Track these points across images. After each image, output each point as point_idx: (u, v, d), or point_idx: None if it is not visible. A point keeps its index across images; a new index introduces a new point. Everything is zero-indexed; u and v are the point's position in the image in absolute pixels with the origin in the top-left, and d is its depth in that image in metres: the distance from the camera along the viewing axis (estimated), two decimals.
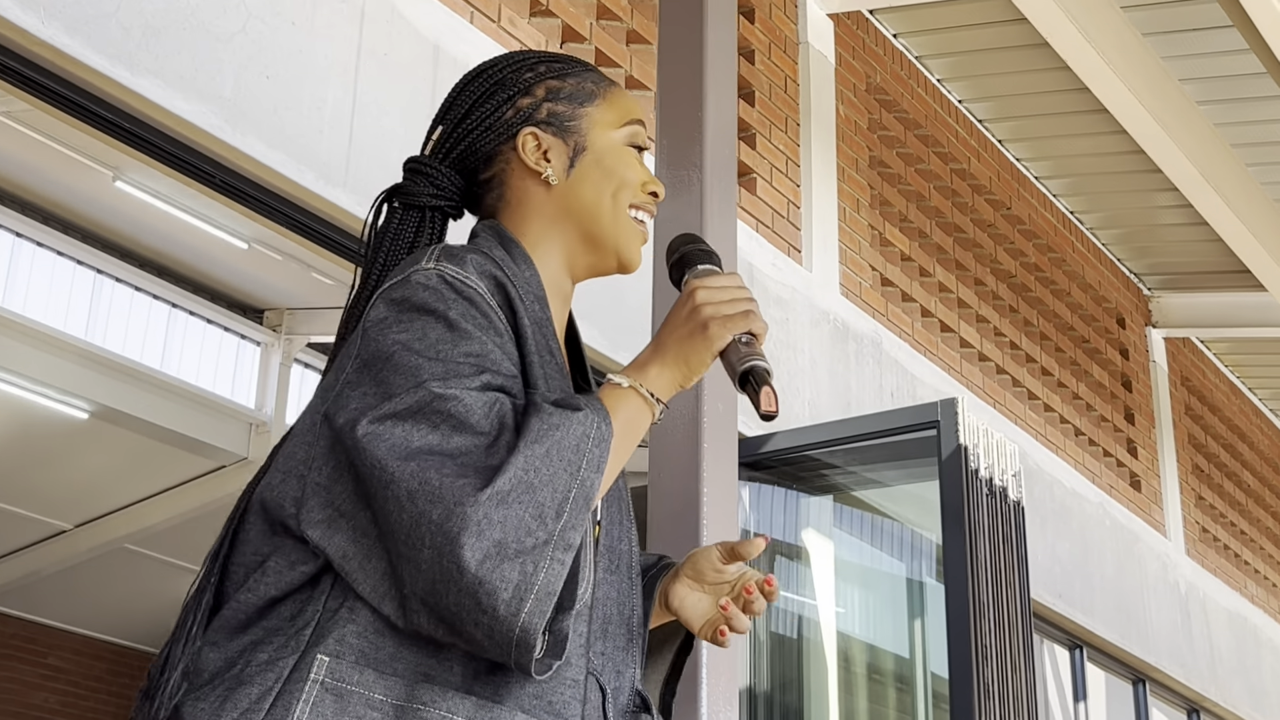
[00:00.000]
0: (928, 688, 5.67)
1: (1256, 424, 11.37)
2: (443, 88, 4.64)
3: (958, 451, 5.20)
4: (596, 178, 1.97)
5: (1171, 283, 9.74)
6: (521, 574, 1.57)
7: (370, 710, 1.63)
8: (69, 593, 12.14)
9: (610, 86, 2.05)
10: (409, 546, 1.59)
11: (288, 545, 1.72)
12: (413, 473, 1.60)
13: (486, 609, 1.56)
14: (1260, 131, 7.44)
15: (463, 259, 1.79)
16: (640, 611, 1.92)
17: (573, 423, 1.65)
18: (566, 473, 1.62)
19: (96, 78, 3.63)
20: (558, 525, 1.60)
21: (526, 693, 1.67)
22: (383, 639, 1.66)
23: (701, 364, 1.77)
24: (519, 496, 1.59)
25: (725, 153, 2.79)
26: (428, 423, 1.63)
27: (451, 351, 1.69)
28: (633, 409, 1.75)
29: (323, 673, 1.64)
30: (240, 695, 1.64)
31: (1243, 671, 9.81)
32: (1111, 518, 8.51)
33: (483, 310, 1.76)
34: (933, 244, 7.47)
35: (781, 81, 6.54)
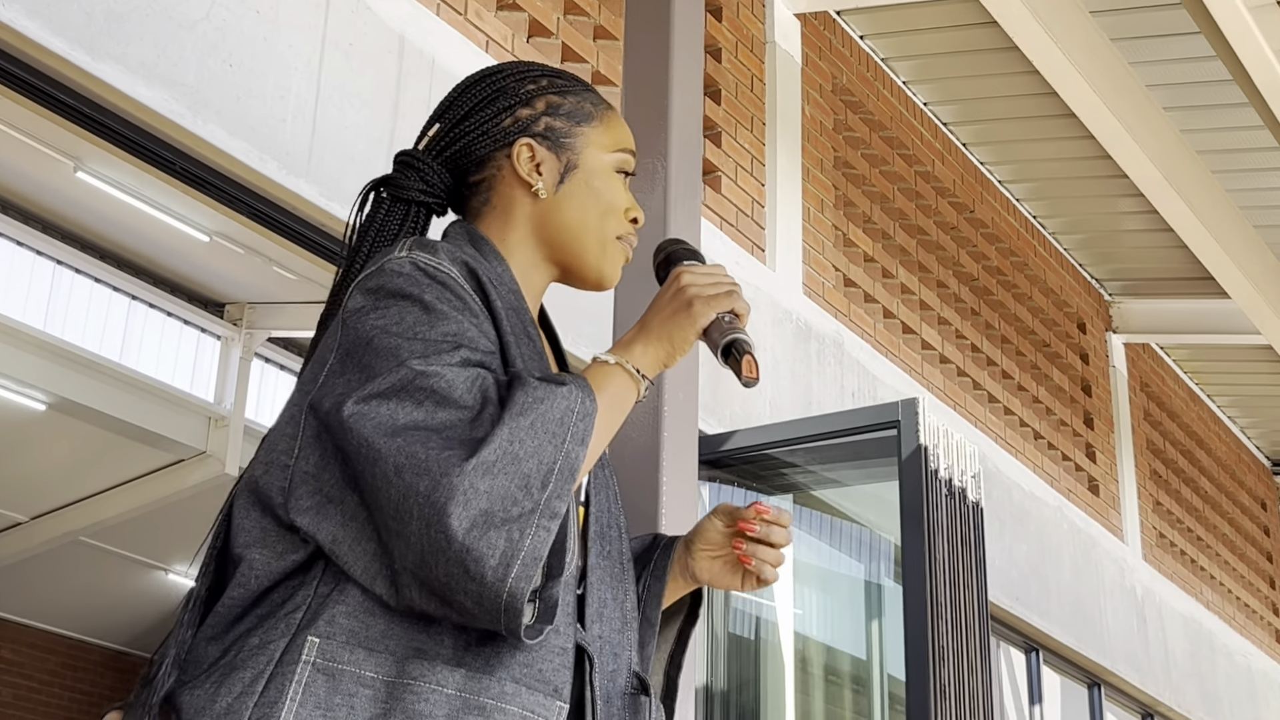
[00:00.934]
0: (884, 689, 5.68)
1: (1215, 430, 11.43)
2: (408, 79, 4.62)
3: (918, 452, 5.21)
4: (583, 197, 2.02)
5: (1133, 289, 9.79)
6: (508, 541, 1.60)
7: (362, 688, 1.65)
8: (23, 586, 12.08)
9: (608, 110, 2.09)
10: (398, 520, 1.62)
11: (276, 536, 1.75)
12: (399, 448, 1.63)
13: (475, 576, 1.59)
14: (1225, 138, 7.48)
15: (434, 247, 1.84)
16: (634, 596, 1.96)
17: (557, 396, 1.68)
18: (551, 445, 1.66)
19: (57, 62, 3.60)
20: (543, 495, 1.63)
21: (516, 662, 1.69)
22: (373, 618, 1.69)
23: (685, 340, 1.84)
24: (504, 467, 1.62)
25: (691, 145, 2.78)
26: (412, 400, 1.67)
27: (429, 332, 1.73)
28: (618, 385, 1.80)
29: (314, 654, 1.67)
30: (234, 680, 1.67)
31: (1197, 676, 9.86)
32: (1069, 521, 8.54)
33: (457, 293, 1.79)
34: (896, 245, 7.49)
35: (748, 81, 6.54)
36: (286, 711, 1.63)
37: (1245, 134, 7.37)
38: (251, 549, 1.75)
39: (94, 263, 8.90)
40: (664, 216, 2.72)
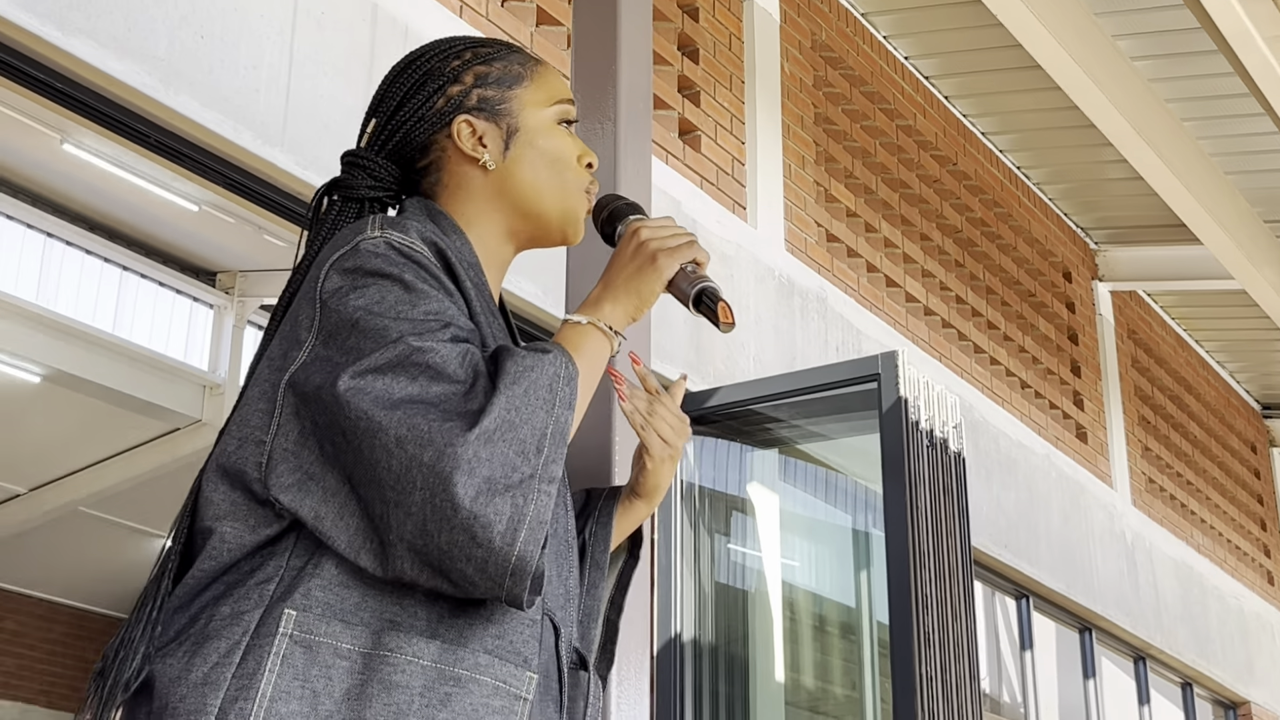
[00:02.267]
0: (873, 636, 5.73)
1: (1203, 376, 11.48)
2: (381, 47, 4.66)
3: (898, 404, 5.25)
4: (533, 158, 2.03)
5: (1118, 237, 9.82)
6: (514, 507, 1.64)
7: (339, 659, 1.69)
8: (25, 556, 12.14)
9: (537, 66, 2.11)
10: (399, 491, 1.65)
11: (248, 510, 1.78)
12: (399, 420, 1.66)
13: (482, 542, 1.63)
14: (1195, 86, 7.50)
15: (405, 226, 1.86)
16: (577, 572, 2.00)
17: (545, 363, 1.73)
18: (544, 410, 1.70)
19: (27, 38, 3.63)
20: (540, 460, 1.68)
21: (489, 634, 1.73)
22: (347, 591, 1.72)
23: (652, 294, 1.89)
24: (503, 435, 1.66)
25: (640, 104, 2.82)
26: (407, 375, 1.70)
27: (411, 311, 1.76)
28: (593, 344, 1.85)
29: (290, 626, 1.70)
30: (208, 649, 1.70)
31: (1188, 619, 9.93)
32: (1057, 469, 8.60)
33: (431, 273, 1.83)
34: (878, 200, 7.52)
35: (726, 39, 6.57)
36: (265, 682, 1.66)
37: (1215, 81, 7.39)
38: (222, 521, 1.78)
39: (85, 235, 8.92)
40: (614, 168, 2.76)
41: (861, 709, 5.76)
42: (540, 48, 5.46)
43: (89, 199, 8.70)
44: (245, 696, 1.66)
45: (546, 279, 4.95)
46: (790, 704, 5.82)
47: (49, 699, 13.06)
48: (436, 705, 1.67)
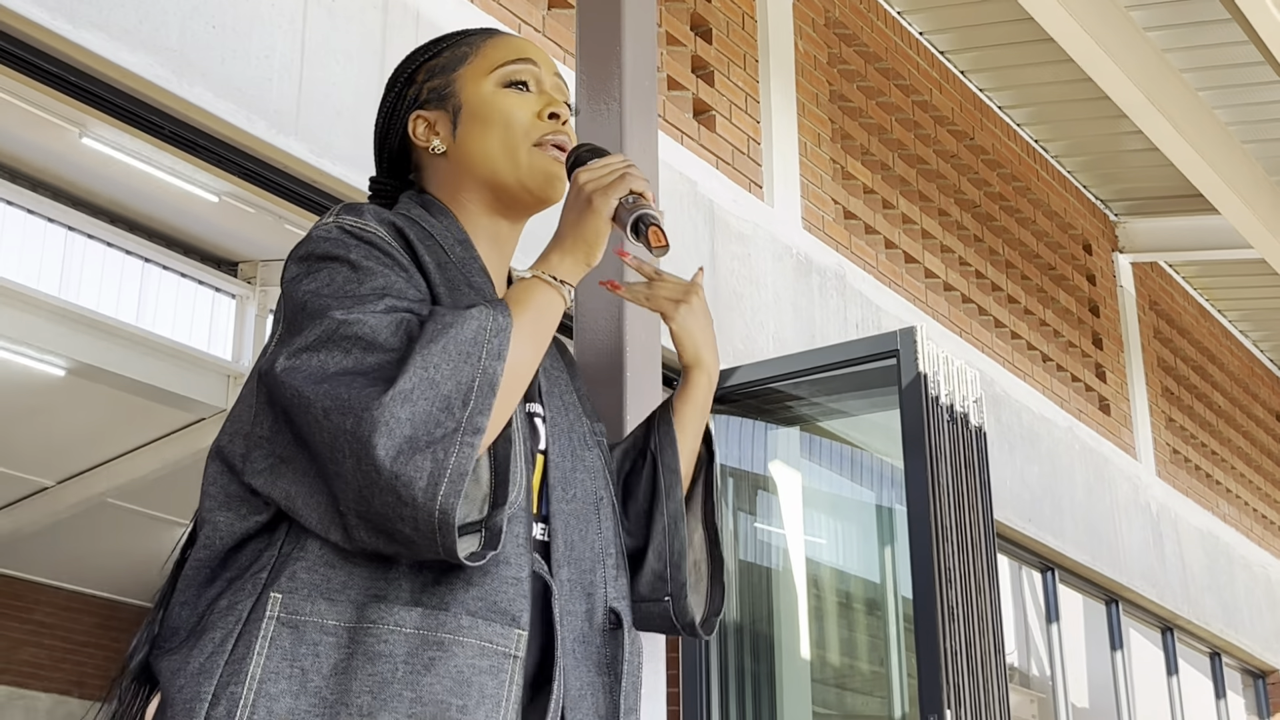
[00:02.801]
0: (898, 611, 5.74)
1: (1226, 345, 11.45)
2: (393, 32, 4.67)
3: (917, 379, 5.25)
4: (477, 130, 2.05)
5: (1138, 208, 9.79)
6: (434, 461, 1.66)
7: (325, 635, 1.72)
8: (54, 549, 12.21)
9: (485, 40, 2.13)
10: (333, 462, 1.69)
11: (239, 499, 1.83)
12: (326, 392, 1.70)
13: (406, 500, 1.66)
14: (1210, 56, 7.47)
15: (360, 209, 1.91)
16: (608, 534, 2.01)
17: (467, 318, 1.74)
18: (468, 364, 1.72)
19: (39, 32, 3.65)
20: (465, 413, 1.69)
21: (471, 596, 1.75)
22: (332, 570, 1.76)
23: (597, 234, 1.88)
24: (423, 393, 1.69)
25: (644, 83, 2.83)
26: (339, 349, 1.74)
27: (358, 289, 1.80)
28: (539, 295, 1.84)
29: (277, 609, 1.74)
30: (205, 641, 1.75)
31: (1215, 589, 9.92)
32: (1081, 442, 8.59)
33: (384, 250, 1.86)
34: (895, 176, 7.52)
35: (739, 18, 6.57)
36: (254, 665, 1.70)
37: (1230, 50, 7.35)
38: (216, 512, 1.83)
39: (105, 227, 8.96)
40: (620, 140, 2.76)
41: (888, 684, 5.77)
42: (552, 30, 5.47)
43: (110, 192, 8.73)
44: (236, 680, 1.70)
45: None
46: (816, 680, 5.83)
47: (82, 690, 13.13)
48: (420, 670, 1.70)
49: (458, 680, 1.70)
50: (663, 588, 2.12)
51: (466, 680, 1.70)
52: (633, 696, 1.94)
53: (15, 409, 9.84)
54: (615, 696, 1.91)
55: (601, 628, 1.93)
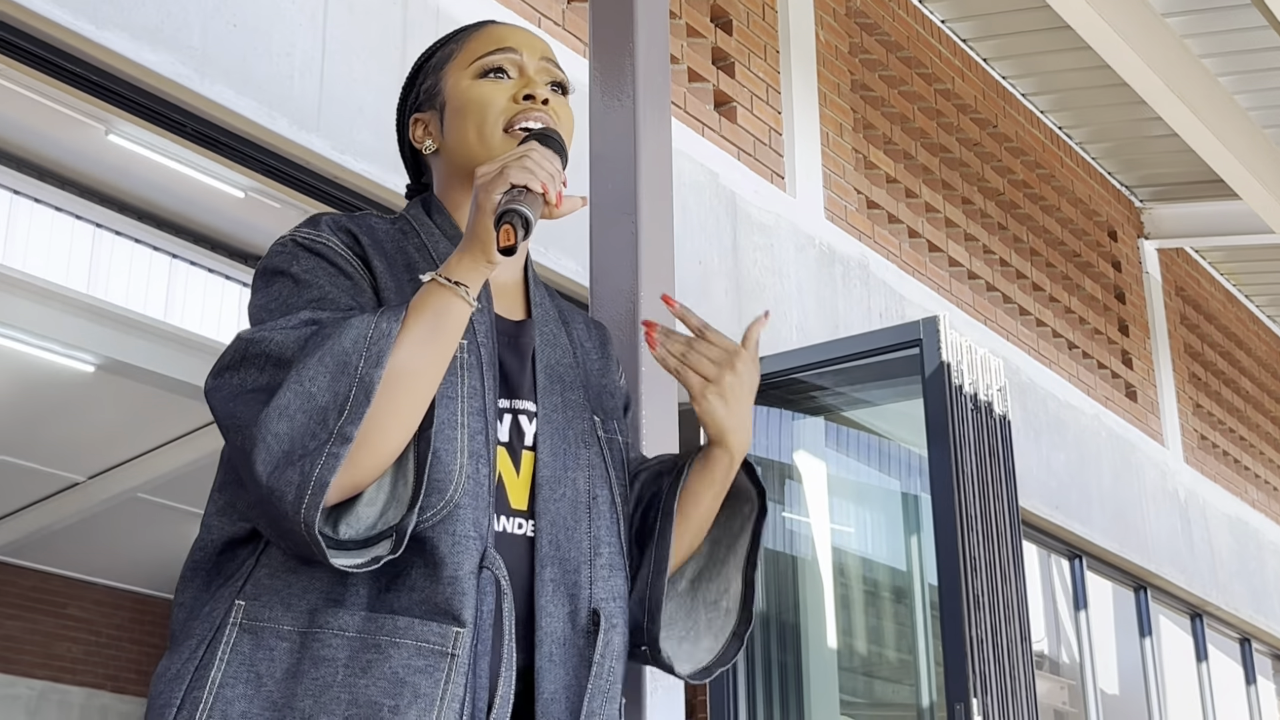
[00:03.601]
0: (925, 600, 5.75)
1: (1254, 330, 11.41)
2: (414, 28, 4.69)
3: (941, 368, 5.26)
4: (458, 124, 2.07)
5: (1163, 194, 9.76)
6: (301, 474, 1.68)
7: (280, 641, 1.76)
8: (86, 544, 12.28)
9: (471, 35, 2.14)
10: (243, 477, 1.75)
11: (230, 505, 1.87)
12: (230, 411, 1.75)
13: (282, 514, 1.69)
14: (1230, 41, 7.45)
15: (317, 220, 1.95)
16: (598, 535, 1.99)
17: (348, 328, 1.75)
18: (345, 374, 1.72)
19: (62, 33, 3.69)
20: (338, 423, 1.70)
21: (414, 600, 1.77)
22: (293, 575, 1.79)
23: (486, 232, 1.79)
24: (300, 406, 1.71)
25: (658, 77, 2.84)
26: (254, 366, 1.77)
27: (296, 301, 1.84)
28: (435, 299, 1.80)
29: (239, 615, 1.78)
30: (183, 647, 1.80)
31: (1244, 575, 9.90)
32: (1107, 429, 8.58)
33: (331, 260, 1.90)
34: (918, 165, 7.51)
35: (759, 9, 6.57)
36: (216, 670, 1.75)
37: (1250, 35, 7.33)
38: (213, 516, 1.88)
39: (133, 224, 8.99)
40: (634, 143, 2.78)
41: (915, 672, 5.78)
42: (571, 24, 5.48)
43: (136, 188, 8.76)
44: (199, 685, 1.75)
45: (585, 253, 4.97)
46: (844, 669, 5.85)
47: (116, 684, 13.20)
48: (358, 673, 1.72)
49: (392, 681, 1.72)
50: (639, 635, 2.07)
51: (401, 680, 1.72)
52: (599, 700, 1.90)
53: (45, 405, 9.90)
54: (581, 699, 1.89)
55: (585, 628, 1.93)
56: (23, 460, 10.81)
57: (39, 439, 10.51)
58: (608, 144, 2.76)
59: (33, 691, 12.58)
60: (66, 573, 12.95)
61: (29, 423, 10.21)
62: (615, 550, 2.01)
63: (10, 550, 12.35)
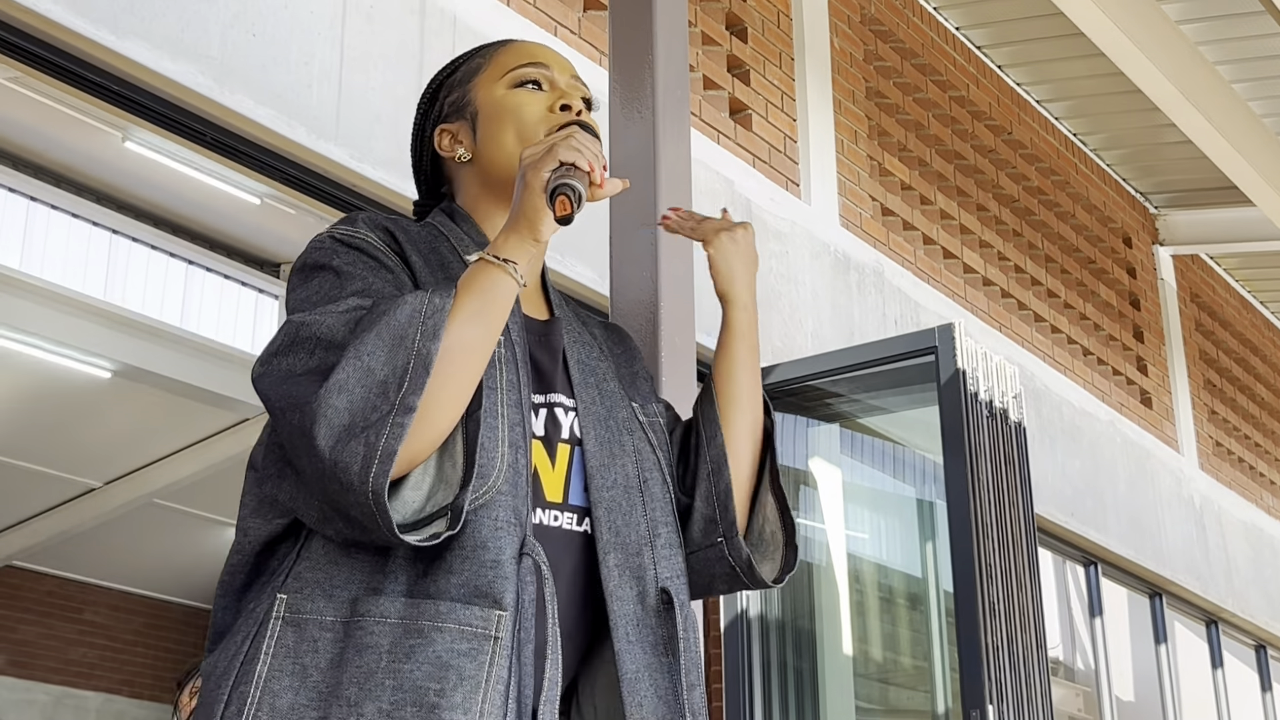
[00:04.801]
0: (940, 606, 5.76)
1: (1269, 337, 11.40)
2: (431, 37, 4.71)
3: (956, 376, 5.27)
4: (493, 132, 2.09)
5: (1178, 200, 9.76)
6: (366, 445, 1.69)
7: (323, 632, 1.77)
8: (102, 549, 12.32)
9: (499, 50, 2.18)
10: (296, 458, 1.76)
11: (267, 505, 1.88)
12: (284, 393, 1.76)
13: (347, 487, 1.70)
14: (1244, 48, 7.44)
15: (354, 218, 1.97)
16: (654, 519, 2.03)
17: (403, 304, 1.77)
18: (402, 348, 1.74)
19: (83, 43, 3.71)
20: (399, 395, 1.72)
21: (453, 584, 1.78)
22: (335, 567, 1.81)
23: (534, 209, 1.84)
24: (359, 380, 1.72)
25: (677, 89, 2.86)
26: (304, 350, 1.79)
27: (339, 293, 1.85)
28: (484, 276, 1.83)
29: (283, 609, 1.80)
30: (229, 643, 1.82)
31: (1260, 582, 9.89)
32: (1123, 435, 8.58)
33: (371, 254, 1.92)
34: (933, 172, 7.52)
35: (774, 17, 6.59)
36: (262, 664, 1.76)
37: (1264, 42, 7.32)
38: (247, 519, 1.88)
39: (149, 230, 9.02)
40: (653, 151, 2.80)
41: (930, 679, 5.78)
42: (588, 33, 5.50)
43: (152, 195, 8.80)
44: (246, 680, 1.76)
45: (600, 262, 4.99)
46: (859, 675, 5.85)
47: (132, 689, 13.24)
48: (401, 659, 1.73)
49: (437, 665, 1.73)
50: (714, 530, 2.13)
51: (446, 664, 1.73)
52: (694, 673, 1.96)
53: (62, 411, 9.94)
54: (675, 675, 1.93)
55: (655, 609, 1.96)
56: (40, 466, 10.85)
57: (56, 444, 10.55)
58: (627, 155, 2.77)
59: (49, 697, 12.61)
60: (83, 578, 12.99)
61: (46, 428, 10.25)
62: (672, 529, 2.06)
63: (27, 555, 12.39)
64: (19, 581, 12.63)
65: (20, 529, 11.98)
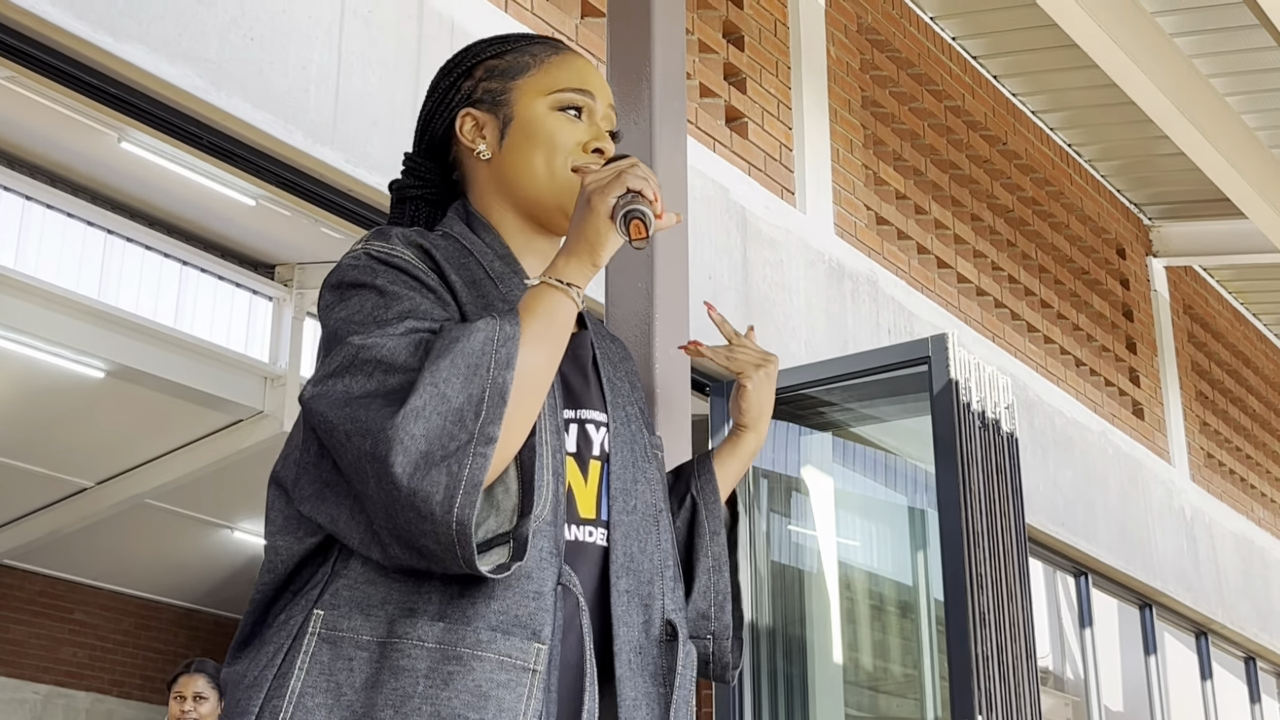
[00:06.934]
0: (931, 615, 5.76)
1: (1261, 349, 11.41)
2: (428, 42, 4.72)
3: (949, 386, 5.27)
4: (523, 146, 2.07)
5: (1172, 212, 9.77)
6: (449, 475, 1.69)
7: (359, 650, 1.77)
8: (93, 549, 12.31)
9: (552, 55, 2.14)
10: (360, 483, 1.74)
11: (297, 522, 1.87)
12: (347, 416, 1.74)
13: (426, 516, 1.69)
14: (1238, 61, 7.46)
15: (388, 234, 1.94)
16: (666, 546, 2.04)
17: (474, 331, 1.76)
18: (477, 376, 1.74)
19: (81, 45, 3.71)
20: (477, 424, 1.72)
21: (492, 610, 1.77)
22: (372, 587, 1.80)
23: (598, 235, 1.86)
24: (435, 408, 1.71)
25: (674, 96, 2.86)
26: (362, 373, 1.77)
27: (385, 314, 1.83)
28: (547, 300, 1.84)
29: (319, 625, 1.79)
30: (260, 655, 1.81)
31: (1250, 593, 9.90)
32: (1114, 446, 8.59)
33: (411, 274, 1.89)
34: (928, 181, 7.53)
35: (771, 25, 6.59)
36: (295, 679, 1.76)
37: (1258, 55, 7.34)
38: (277, 536, 1.88)
39: (144, 230, 9.03)
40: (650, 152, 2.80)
41: (920, 687, 5.79)
42: (584, 39, 5.51)
43: (147, 195, 8.81)
44: (279, 694, 1.76)
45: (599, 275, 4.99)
46: (849, 683, 5.86)
47: (121, 689, 13.23)
48: (439, 685, 1.73)
49: (476, 694, 1.73)
50: (705, 626, 2.17)
51: (485, 694, 1.73)
52: (684, 710, 1.96)
53: (55, 410, 9.94)
54: (667, 708, 1.93)
55: (658, 639, 1.96)
56: (31, 465, 10.85)
57: (48, 444, 10.55)
58: None
59: (38, 696, 12.60)
60: (73, 578, 12.98)
61: (38, 428, 10.25)
62: (676, 564, 2.08)
63: (17, 555, 12.39)
64: (9, 581, 12.63)
65: (11, 528, 11.97)
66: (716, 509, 2.22)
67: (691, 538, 2.22)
